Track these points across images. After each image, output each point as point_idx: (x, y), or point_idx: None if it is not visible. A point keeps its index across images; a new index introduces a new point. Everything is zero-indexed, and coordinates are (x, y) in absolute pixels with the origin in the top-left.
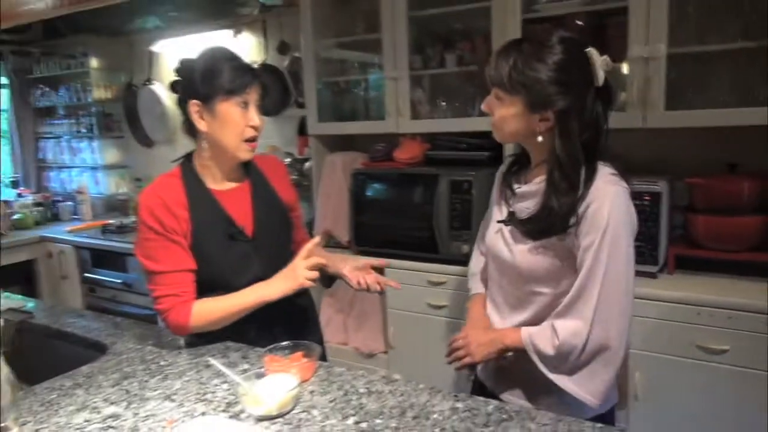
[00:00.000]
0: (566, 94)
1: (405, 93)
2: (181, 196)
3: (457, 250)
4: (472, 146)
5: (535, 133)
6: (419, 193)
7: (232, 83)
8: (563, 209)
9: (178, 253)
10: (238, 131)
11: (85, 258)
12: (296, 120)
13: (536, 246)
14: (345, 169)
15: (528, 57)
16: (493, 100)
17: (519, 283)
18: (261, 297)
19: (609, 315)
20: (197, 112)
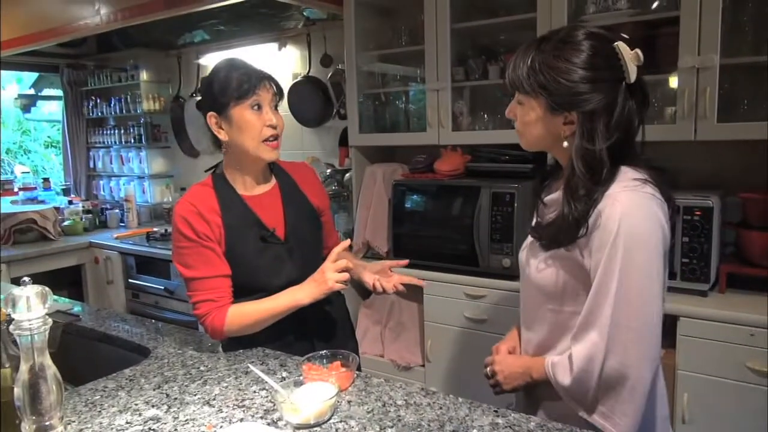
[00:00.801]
0: (592, 93)
1: (446, 105)
2: (213, 202)
3: (497, 263)
4: (515, 158)
5: (560, 137)
6: (460, 205)
7: (240, 88)
8: (575, 215)
9: (212, 259)
10: (255, 133)
11: (130, 264)
12: (338, 131)
13: (547, 257)
14: (385, 180)
15: (547, 55)
16: (515, 105)
17: (534, 299)
18: (293, 301)
19: (625, 339)
20: (215, 124)
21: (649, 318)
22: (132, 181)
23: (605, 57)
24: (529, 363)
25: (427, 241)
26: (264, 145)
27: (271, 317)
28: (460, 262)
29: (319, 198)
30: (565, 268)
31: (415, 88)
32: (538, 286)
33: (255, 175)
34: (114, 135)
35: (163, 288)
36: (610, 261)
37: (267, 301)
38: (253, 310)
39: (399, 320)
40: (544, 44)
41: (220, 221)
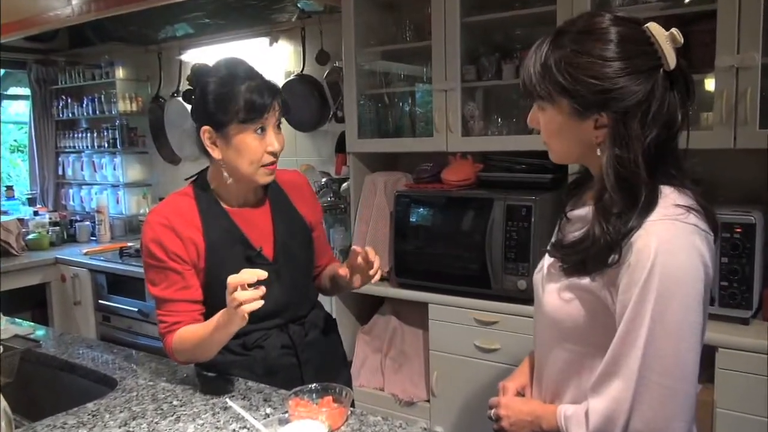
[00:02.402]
0: (625, 87)
1: (456, 107)
2: (193, 216)
3: (511, 285)
4: (532, 167)
5: (592, 144)
6: (470, 220)
7: (247, 112)
8: (607, 239)
9: (178, 282)
10: (255, 159)
11: (100, 283)
12: (334, 136)
13: (566, 286)
14: (387, 191)
15: (566, 51)
16: (536, 114)
17: (547, 333)
18: (216, 328)
19: (654, 397)
20: (209, 139)
21: (683, 373)
22: (105, 190)
23: (636, 43)
24: (539, 411)
25: (433, 259)
26: (261, 170)
27: (205, 343)
28: (470, 283)
29: (311, 212)
30: (585, 302)
31: (420, 88)
32: (552, 318)
33: (245, 192)
34: (86, 139)
35: (137, 310)
36: (641, 304)
37: (203, 325)
38: (190, 335)
39: (401, 349)
40: (561, 38)
41: (201, 237)
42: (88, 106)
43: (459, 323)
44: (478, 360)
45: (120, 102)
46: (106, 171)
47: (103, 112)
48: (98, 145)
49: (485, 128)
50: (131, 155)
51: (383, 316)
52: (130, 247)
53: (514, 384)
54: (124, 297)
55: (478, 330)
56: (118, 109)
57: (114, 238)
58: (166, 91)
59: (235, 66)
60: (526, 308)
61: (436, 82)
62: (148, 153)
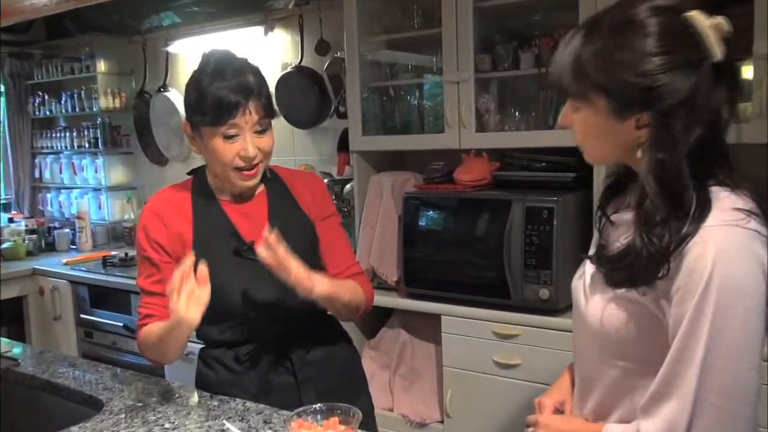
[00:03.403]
0: (668, 84)
1: (469, 100)
2: (185, 206)
3: (533, 295)
4: (553, 165)
5: (633, 144)
6: (486, 223)
7: (212, 113)
8: (651, 251)
9: (154, 273)
10: (225, 163)
11: (82, 296)
12: (336, 133)
13: (612, 298)
14: (394, 193)
15: (601, 45)
16: (570, 113)
17: (591, 347)
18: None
19: (711, 419)
20: (189, 134)
21: (743, 393)
22: (86, 194)
23: (678, 34)
24: (582, 429)
25: (445, 267)
26: (235, 174)
27: (165, 343)
28: (487, 293)
29: (314, 207)
30: (635, 316)
31: (430, 80)
32: (596, 332)
33: (238, 190)
34: (64, 138)
35: (122, 325)
36: (698, 318)
37: (163, 324)
38: (154, 331)
39: (412, 365)
40: (594, 31)
41: (189, 228)
42: (66, 103)
43: (475, 337)
44: (497, 377)
45: (102, 98)
46: (86, 173)
47: (84, 109)
48: (78, 145)
49: (501, 123)
50: (114, 156)
51: (391, 329)
52: (114, 257)
53: (552, 400)
54: (108, 311)
55: (496, 344)
56: (100, 106)
57: (96, 247)
58: (151, 86)
59: (215, 61)
60: (550, 320)
61: (448, 72)
62: (133, 153)
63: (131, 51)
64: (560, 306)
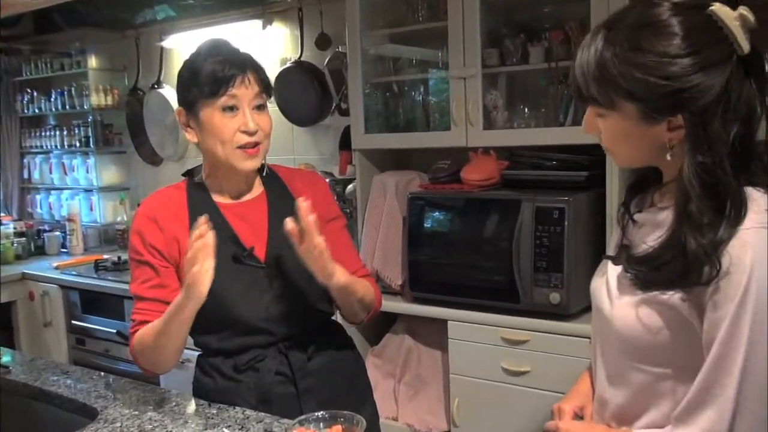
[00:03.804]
0: (700, 84)
1: (476, 96)
2: (181, 209)
3: (543, 299)
4: (565, 164)
5: (665, 147)
6: (494, 225)
7: (209, 84)
8: (704, 254)
9: (151, 278)
10: (225, 138)
11: (73, 301)
12: (338, 131)
13: (643, 300)
14: (398, 193)
15: (623, 49)
16: (594, 118)
17: (616, 351)
18: (173, 312)
19: (755, 430)
20: (183, 121)
21: None
22: (77, 195)
23: (705, 32)
24: None
25: (452, 270)
26: (238, 152)
27: (164, 336)
28: (495, 297)
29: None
30: (667, 319)
31: (436, 75)
32: (623, 335)
33: (236, 183)
34: (54, 137)
35: (115, 332)
36: (736, 324)
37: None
38: (148, 330)
39: (417, 373)
40: (614, 34)
41: (186, 233)
42: (56, 101)
43: (483, 343)
44: (506, 384)
45: (93, 95)
46: (77, 174)
47: (74, 107)
48: (68, 145)
49: (510, 120)
50: (106, 155)
51: (396, 335)
52: (106, 260)
53: (571, 405)
54: (101, 317)
55: (505, 350)
56: (91, 104)
57: (88, 250)
58: (145, 83)
59: (211, 43)
60: (561, 324)
61: (454, 68)
62: (126, 153)
63: (124, 46)
64: (572, 310)
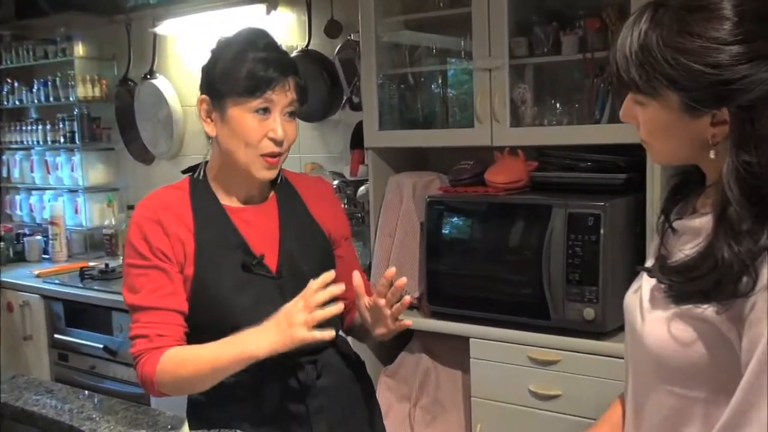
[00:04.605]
0: (750, 76)
1: (503, 90)
2: (184, 211)
3: (576, 314)
4: (601, 165)
5: (707, 144)
6: (522, 232)
7: (247, 82)
8: (738, 264)
9: (163, 285)
10: (251, 142)
11: (56, 312)
12: (349, 127)
13: (678, 315)
14: (416, 197)
15: (670, 31)
16: (633, 106)
17: (647, 371)
18: (242, 353)
19: None
20: (205, 110)
21: None
22: (61, 196)
23: (760, 19)
24: None
25: (475, 282)
26: (260, 161)
27: (213, 370)
28: (522, 313)
29: (334, 223)
30: (703, 336)
31: (458, 66)
32: (654, 354)
33: (247, 188)
34: (36, 132)
35: (102, 347)
36: None
37: (211, 346)
38: (192, 356)
39: (435, 396)
40: (661, 14)
41: (191, 237)
42: (39, 92)
43: (509, 363)
44: (534, 409)
45: (79, 86)
46: (61, 172)
47: (58, 99)
48: (52, 140)
49: (540, 116)
50: (93, 152)
51: (412, 354)
52: (92, 268)
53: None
54: (86, 330)
55: (533, 371)
56: (77, 95)
57: (72, 257)
58: (136, 72)
59: (253, 34)
60: (595, 343)
61: (478, 58)
62: (115, 150)
63: (113, 32)
64: (608, 328)
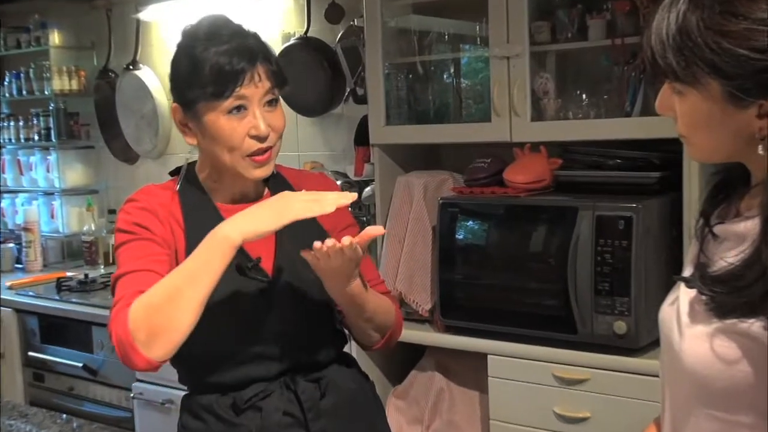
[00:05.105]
0: None
1: (523, 80)
2: (174, 209)
3: (606, 329)
4: (632, 162)
5: (753, 138)
6: (545, 237)
7: (212, 84)
8: None
9: (150, 252)
10: (233, 145)
11: (30, 328)
12: (353, 122)
13: (719, 330)
14: (427, 198)
15: (712, 13)
16: (670, 96)
17: (686, 393)
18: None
19: None
20: (180, 120)
21: None
22: (35, 199)
23: None
24: None
25: (493, 293)
26: (247, 161)
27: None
28: (546, 326)
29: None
30: (747, 353)
31: (472, 54)
32: (693, 373)
33: (241, 188)
34: (8, 129)
35: (81, 365)
36: None
37: None
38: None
39: (450, 418)
40: None
41: (182, 235)
42: (11, 84)
43: (531, 382)
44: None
45: (55, 78)
46: (36, 173)
47: (32, 92)
48: (25, 138)
49: (564, 109)
50: (71, 151)
51: (423, 372)
52: (70, 279)
53: None
54: (64, 347)
55: (558, 391)
56: (53, 88)
57: (48, 266)
58: (118, 63)
59: (208, 24)
60: (627, 360)
61: (495, 45)
62: (95, 148)
63: (92, 19)
64: (641, 343)
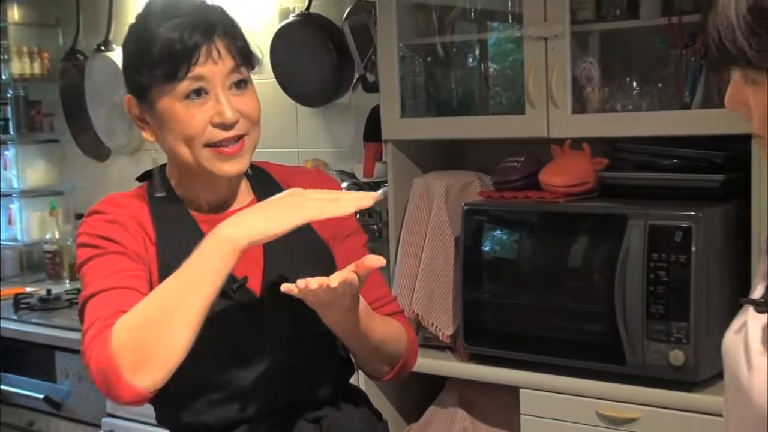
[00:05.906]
0: None
1: (563, 65)
2: (144, 221)
3: (660, 359)
4: (691, 163)
5: None
6: (587, 251)
7: (163, 64)
8: None
9: (122, 268)
10: (190, 135)
11: None
12: (362, 114)
13: None
14: (449, 204)
15: None
16: (742, 88)
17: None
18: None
19: None
20: (135, 113)
21: None
22: None
23: None
24: None
25: (526, 316)
26: (211, 154)
27: (179, 291)
28: (589, 356)
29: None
30: None
31: (502, 34)
32: (764, 412)
33: (215, 191)
34: None
35: (42, 397)
36: None
37: None
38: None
39: None
40: None
41: (153, 251)
42: None
43: (571, 421)
44: None
45: (14, 60)
46: None
47: None
48: None
49: (610, 99)
50: (32, 146)
51: (444, 408)
52: (30, 295)
53: None
54: (23, 376)
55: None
56: (11, 72)
57: (4, 281)
58: (87, 43)
59: (164, 3)
60: (684, 396)
61: (531, 23)
62: (59, 142)
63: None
64: (701, 376)
